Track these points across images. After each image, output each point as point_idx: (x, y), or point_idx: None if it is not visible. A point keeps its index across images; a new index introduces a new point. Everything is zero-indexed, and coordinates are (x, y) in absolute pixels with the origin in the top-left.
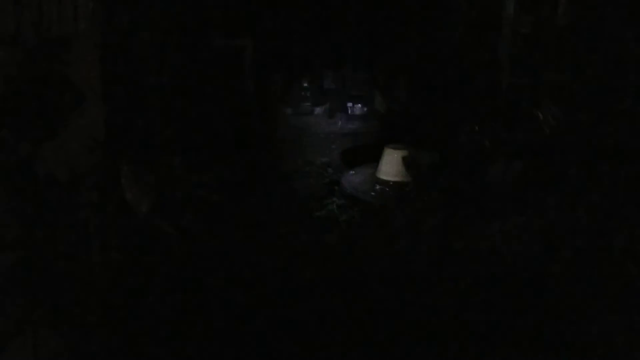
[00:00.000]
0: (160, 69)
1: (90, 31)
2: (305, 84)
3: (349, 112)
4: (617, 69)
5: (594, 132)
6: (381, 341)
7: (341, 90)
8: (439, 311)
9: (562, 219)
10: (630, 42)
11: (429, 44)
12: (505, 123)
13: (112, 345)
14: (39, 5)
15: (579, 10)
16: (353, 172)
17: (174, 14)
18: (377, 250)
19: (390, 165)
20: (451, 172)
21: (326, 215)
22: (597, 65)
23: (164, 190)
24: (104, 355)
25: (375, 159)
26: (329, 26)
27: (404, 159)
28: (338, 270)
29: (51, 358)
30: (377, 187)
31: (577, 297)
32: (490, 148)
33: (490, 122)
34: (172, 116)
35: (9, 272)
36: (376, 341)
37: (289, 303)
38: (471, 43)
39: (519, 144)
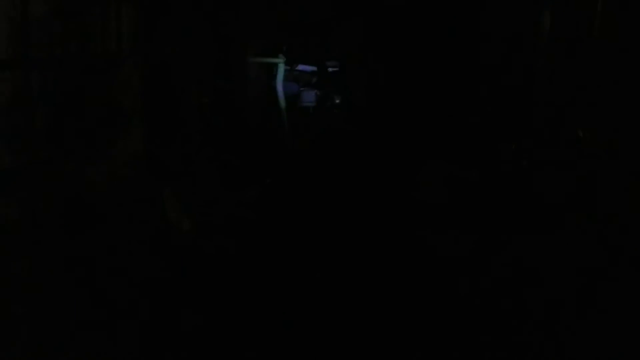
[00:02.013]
0: (199, 89)
1: (132, 53)
2: (337, 100)
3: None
4: None
5: (635, 149)
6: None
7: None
8: (479, 328)
9: (604, 236)
10: None
11: (467, 60)
12: (544, 141)
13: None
14: (84, 28)
15: (616, 25)
16: None
17: (211, 34)
18: None
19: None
20: (490, 190)
21: None
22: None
23: (204, 209)
24: None
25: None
26: (359, 43)
27: (441, 176)
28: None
29: None
30: None
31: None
32: (529, 166)
33: (529, 140)
34: (212, 135)
35: (54, 285)
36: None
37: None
38: (509, 59)
39: (559, 162)
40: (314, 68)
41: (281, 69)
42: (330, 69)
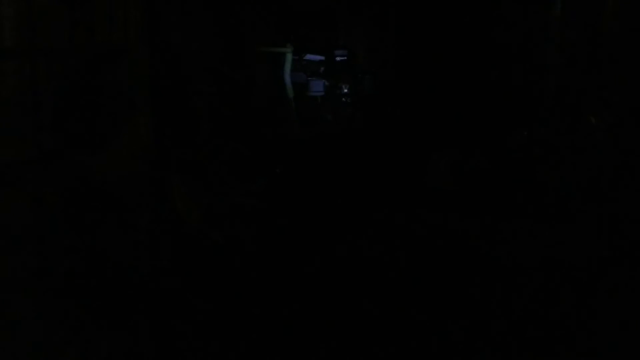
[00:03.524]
0: (207, 79)
1: (140, 42)
2: (346, 90)
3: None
4: None
5: None
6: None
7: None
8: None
9: (614, 223)
10: None
11: (477, 49)
12: (555, 127)
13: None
14: (91, 19)
15: (626, 13)
16: None
17: (219, 23)
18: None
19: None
20: (500, 176)
21: None
22: None
23: (213, 200)
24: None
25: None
26: (366, 27)
27: (450, 163)
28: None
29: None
30: None
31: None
32: (540, 153)
33: (540, 127)
34: (220, 126)
35: (61, 278)
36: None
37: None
38: (520, 47)
39: (570, 148)
40: (322, 57)
41: (289, 58)
42: (338, 58)
